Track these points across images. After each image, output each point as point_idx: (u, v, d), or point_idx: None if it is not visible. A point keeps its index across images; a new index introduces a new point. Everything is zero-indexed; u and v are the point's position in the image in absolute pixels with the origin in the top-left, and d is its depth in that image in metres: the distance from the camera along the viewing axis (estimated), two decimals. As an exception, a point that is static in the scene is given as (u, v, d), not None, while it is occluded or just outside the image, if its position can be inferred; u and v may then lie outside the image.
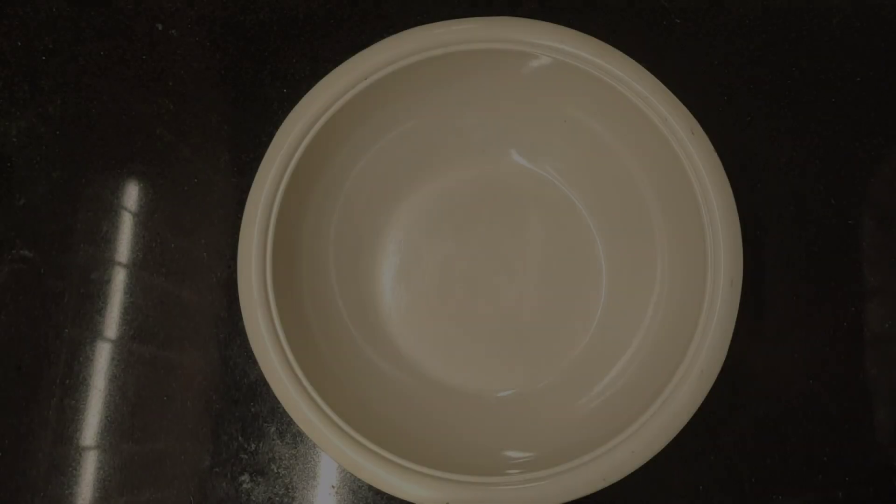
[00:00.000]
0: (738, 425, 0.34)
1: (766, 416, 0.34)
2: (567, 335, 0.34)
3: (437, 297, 0.34)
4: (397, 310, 0.34)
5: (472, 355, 0.34)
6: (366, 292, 0.34)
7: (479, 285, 0.35)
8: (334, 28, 0.38)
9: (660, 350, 0.31)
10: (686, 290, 0.31)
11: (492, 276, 0.35)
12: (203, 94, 0.38)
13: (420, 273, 0.35)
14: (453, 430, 0.32)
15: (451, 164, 0.35)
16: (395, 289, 0.35)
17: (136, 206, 0.36)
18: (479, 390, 0.34)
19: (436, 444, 0.31)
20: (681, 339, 0.30)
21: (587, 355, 0.34)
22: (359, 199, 0.34)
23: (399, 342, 0.34)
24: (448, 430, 0.32)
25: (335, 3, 0.39)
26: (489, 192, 0.35)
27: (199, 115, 0.37)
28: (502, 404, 0.33)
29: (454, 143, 0.35)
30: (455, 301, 0.34)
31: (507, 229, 0.35)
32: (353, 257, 0.34)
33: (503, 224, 0.35)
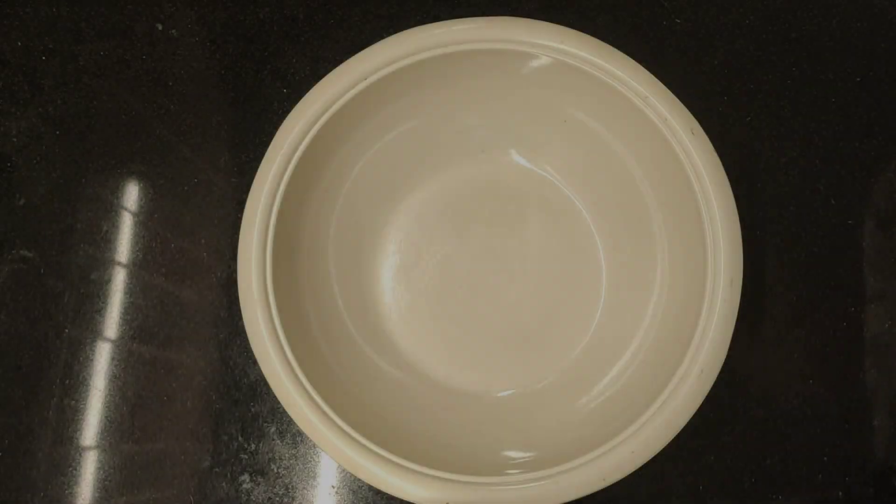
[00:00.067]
0: (737, 425, 0.34)
1: (766, 416, 0.34)
2: (567, 335, 0.34)
3: (437, 297, 0.34)
4: (397, 310, 0.34)
5: (471, 355, 0.34)
6: (366, 292, 0.34)
7: (479, 285, 0.35)
8: (334, 28, 0.38)
9: (660, 350, 0.31)
10: (686, 290, 0.31)
11: (492, 276, 0.35)
12: (203, 94, 0.38)
13: (420, 273, 0.35)
14: (453, 430, 0.32)
15: (451, 164, 0.35)
16: (395, 289, 0.35)
17: (136, 206, 0.36)
18: (479, 390, 0.34)
19: (436, 445, 0.31)
20: (681, 339, 0.30)
21: (587, 355, 0.34)
22: (359, 199, 0.34)
23: (399, 342, 0.34)
24: (448, 430, 0.32)
25: (335, 3, 0.39)
26: (489, 192, 0.35)
27: (199, 115, 0.37)
28: (502, 404, 0.33)
29: (454, 142, 0.35)
30: (455, 301, 0.34)
31: (507, 229, 0.35)
32: (353, 257, 0.34)
33: (503, 224, 0.35)
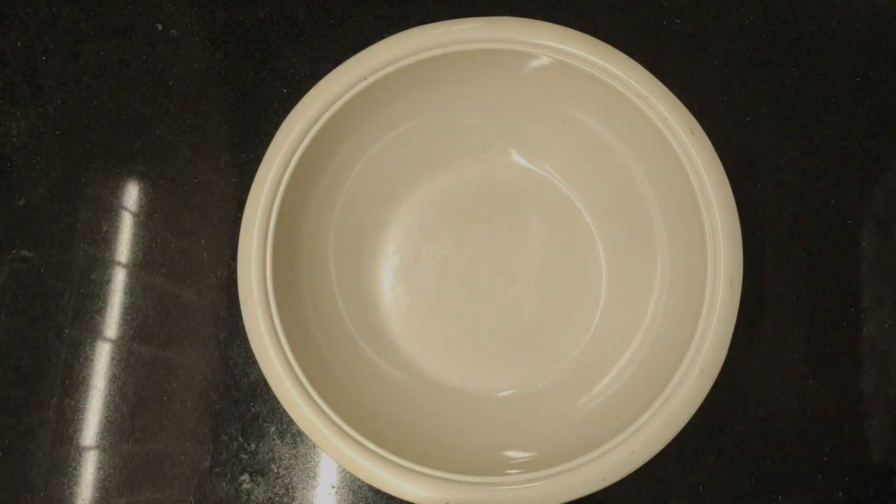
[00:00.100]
0: (737, 425, 0.34)
1: (766, 416, 0.34)
2: (567, 335, 0.34)
3: (437, 297, 0.34)
4: (397, 310, 0.34)
5: (471, 355, 0.34)
6: (366, 292, 0.34)
7: (479, 285, 0.35)
8: (334, 28, 0.38)
9: (660, 350, 0.31)
10: (686, 290, 0.31)
11: (492, 276, 0.35)
12: (203, 94, 0.38)
13: (420, 273, 0.35)
14: (453, 430, 0.32)
15: (451, 164, 0.35)
16: (395, 289, 0.35)
17: (136, 206, 0.36)
18: (479, 390, 0.34)
19: (436, 444, 0.31)
20: (681, 339, 0.30)
21: (587, 355, 0.34)
22: (359, 199, 0.34)
23: (399, 342, 0.34)
24: (448, 430, 0.32)
25: (335, 3, 0.39)
26: (489, 192, 0.35)
27: (199, 115, 0.37)
28: (502, 404, 0.33)
29: (454, 143, 0.35)
30: (455, 301, 0.34)
31: (507, 229, 0.35)
32: (353, 257, 0.34)
33: (503, 224, 0.35)
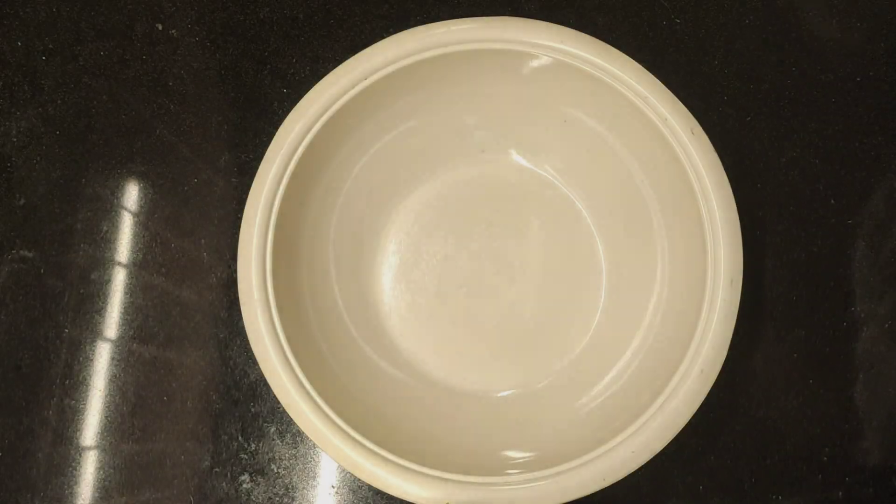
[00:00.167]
0: (737, 425, 0.34)
1: (766, 415, 0.34)
2: (567, 335, 0.34)
3: (437, 297, 0.34)
4: (397, 310, 0.34)
5: (472, 355, 0.34)
6: (366, 292, 0.34)
7: (479, 285, 0.35)
8: (334, 28, 0.38)
9: (660, 350, 0.31)
10: (686, 289, 0.31)
11: (492, 276, 0.35)
12: (203, 94, 0.38)
13: (420, 273, 0.35)
14: (453, 430, 0.32)
15: (451, 164, 0.35)
16: (395, 289, 0.35)
17: (136, 206, 0.36)
18: (479, 390, 0.34)
19: (436, 444, 0.31)
20: (681, 339, 0.30)
21: (587, 355, 0.34)
22: (359, 199, 0.34)
23: (399, 342, 0.34)
24: (448, 430, 0.32)
25: (335, 3, 0.39)
26: (489, 192, 0.35)
27: (199, 115, 0.37)
28: (502, 404, 0.33)
29: (454, 143, 0.35)
30: (455, 301, 0.34)
31: (507, 229, 0.35)
32: (353, 257, 0.34)
33: (503, 224, 0.35)
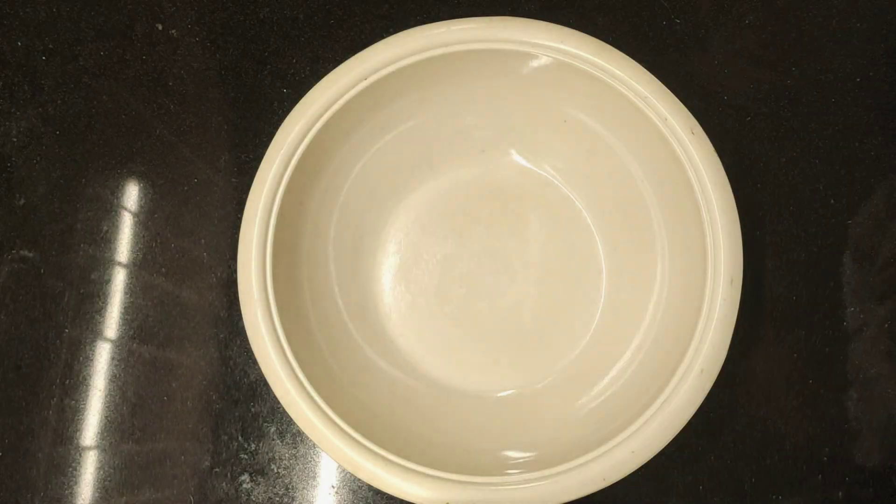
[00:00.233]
0: (738, 425, 0.34)
1: (766, 415, 0.34)
2: (567, 335, 0.34)
3: (437, 297, 0.34)
4: (397, 310, 0.34)
5: (472, 355, 0.34)
6: (366, 292, 0.34)
7: (479, 285, 0.35)
8: (334, 28, 0.38)
9: (660, 350, 0.31)
10: (686, 289, 0.31)
11: (492, 276, 0.35)
12: (203, 94, 0.38)
13: (420, 273, 0.35)
14: (453, 430, 0.32)
15: (451, 164, 0.35)
16: (395, 289, 0.35)
17: (136, 206, 0.36)
18: (479, 390, 0.34)
19: (436, 444, 0.31)
20: (681, 339, 0.30)
21: (587, 355, 0.34)
22: (359, 199, 0.34)
23: (399, 342, 0.34)
24: (448, 429, 0.32)
25: (335, 3, 0.39)
26: (489, 191, 0.35)
27: (199, 115, 0.37)
28: (502, 404, 0.33)
29: (454, 143, 0.35)
30: (455, 301, 0.34)
31: (507, 229, 0.35)
32: (353, 257, 0.34)
33: (503, 224, 0.35)
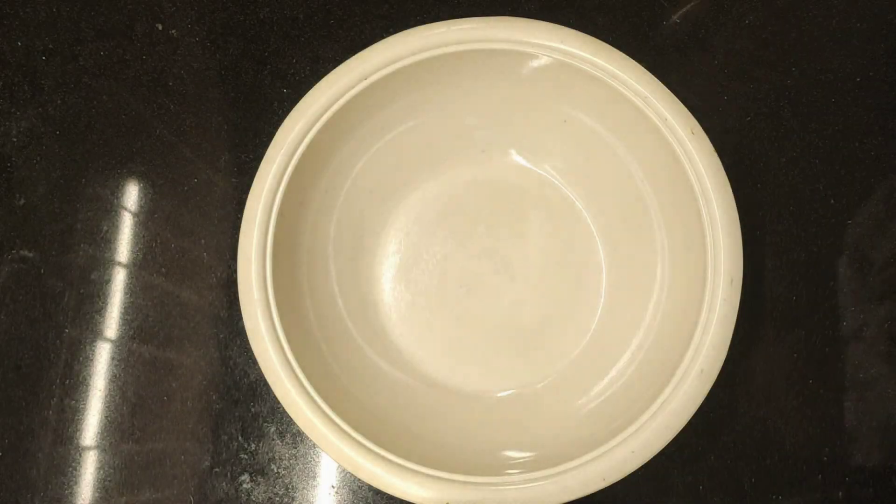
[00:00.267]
0: (737, 425, 0.34)
1: (766, 415, 0.34)
2: (567, 335, 0.34)
3: (437, 297, 0.34)
4: (397, 310, 0.34)
5: (471, 355, 0.34)
6: (366, 292, 0.34)
7: (479, 285, 0.35)
8: (334, 28, 0.38)
9: (660, 350, 0.31)
10: (686, 289, 0.31)
11: (492, 276, 0.35)
12: (203, 94, 0.38)
13: (420, 273, 0.35)
14: (453, 430, 0.32)
15: (451, 164, 0.35)
16: (395, 289, 0.35)
17: (136, 206, 0.36)
18: (479, 390, 0.34)
19: (436, 444, 0.31)
20: (681, 339, 0.30)
21: (587, 355, 0.34)
22: (359, 199, 0.34)
23: (399, 342, 0.34)
24: (448, 430, 0.32)
25: (335, 3, 0.39)
26: (489, 191, 0.35)
27: (199, 115, 0.37)
28: (502, 404, 0.33)
29: (454, 143, 0.35)
30: (455, 301, 0.34)
31: (507, 229, 0.35)
32: (353, 257, 0.34)
33: (503, 224, 0.35)
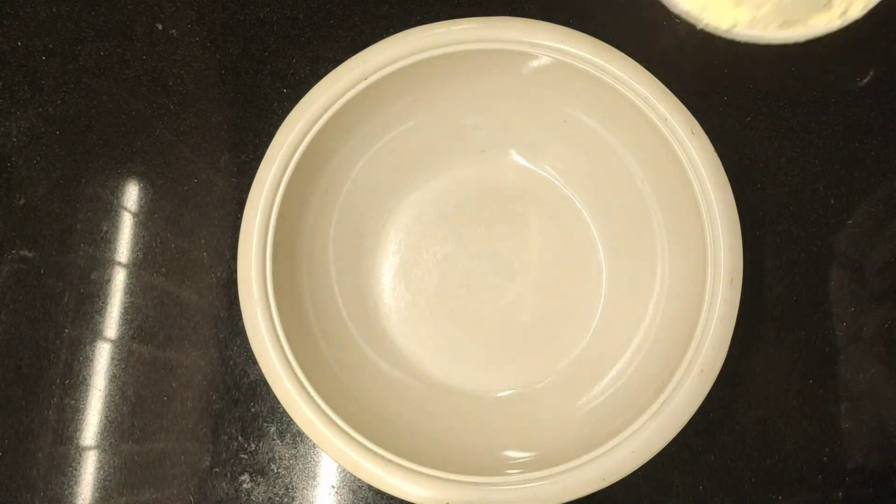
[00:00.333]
0: (737, 425, 0.34)
1: (766, 415, 0.34)
2: (567, 335, 0.34)
3: (437, 297, 0.34)
4: (397, 310, 0.34)
5: (471, 355, 0.34)
6: (366, 292, 0.34)
7: (479, 285, 0.35)
8: (334, 28, 0.38)
9: (660, 349, 0.31)
10: (686, 289, 0.31)
11: (492, 276, 0.35)
12: (203, 94, 0.38)
13: (420, 273, 0.35)
14: (453, 430, 0.32)
15: (451, 164, 0.35)
16: (395, 289, 0.35)
17: (136, 206, 0.36)
18: (479, 390, 0.34)
19: (436, 444, 0.31)
20: (681, 339, 0.30)
21: (587, 355, 0.34)
22: (359, 199, 0.34)
23: (399, 342, 0.34)
24: (448, 430, 0.32)
25: (335, 3, 0.39)
26: (489, 192, 0.35)
27: (199, 115, 0.37)
28: (502, 404, 0.33)
29: (454, 143, 0.35)
30: (455, 301, 0.34)
31: (507, 229, 0.35)
32: (353, 257, 0.34)
33: (503, 224, 0.35)
